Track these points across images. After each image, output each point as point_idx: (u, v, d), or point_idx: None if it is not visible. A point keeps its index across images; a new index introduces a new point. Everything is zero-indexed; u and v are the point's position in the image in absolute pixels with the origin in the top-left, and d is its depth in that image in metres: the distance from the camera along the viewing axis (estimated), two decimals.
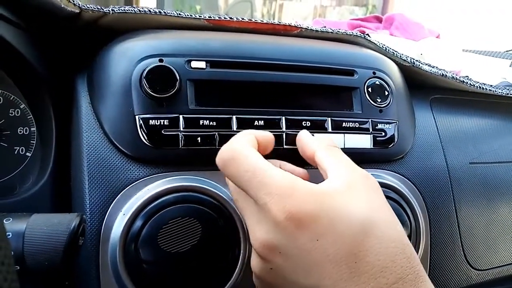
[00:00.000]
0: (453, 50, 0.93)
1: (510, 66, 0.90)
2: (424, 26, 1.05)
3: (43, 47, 0.50)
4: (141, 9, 0.49)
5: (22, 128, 0.50)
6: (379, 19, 1.11)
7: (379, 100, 0.52)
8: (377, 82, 0.53)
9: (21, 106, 0.50)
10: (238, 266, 0.44)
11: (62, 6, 0.45)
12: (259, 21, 0.55)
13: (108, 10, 0.48)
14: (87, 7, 0.47)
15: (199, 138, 0.45)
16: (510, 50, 1.02)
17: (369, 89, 0.52)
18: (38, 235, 0.34)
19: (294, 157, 0.47)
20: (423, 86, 0.64)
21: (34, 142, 0.50)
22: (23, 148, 0.50)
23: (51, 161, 0.48)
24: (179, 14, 0.51)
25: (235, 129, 0.46)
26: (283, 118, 0.48)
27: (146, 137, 0.44)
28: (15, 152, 0.49)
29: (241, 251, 0.45)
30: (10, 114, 0.50)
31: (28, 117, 0.50)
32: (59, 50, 0.53)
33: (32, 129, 0.50)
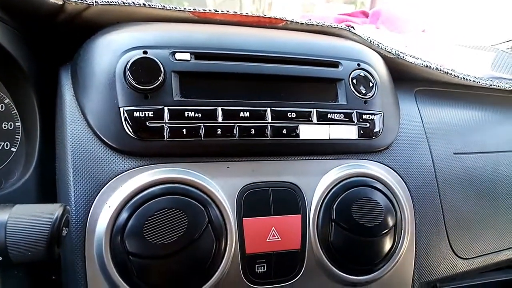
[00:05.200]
0: (438, 44, 0.94)
1: (495, 59, 0.91)
2: (409, 20, 1.05)
3: (27, 41, 0.50)
4: (125, 1, 0.49)
5: (6, 123, 0.49)
6: (365, 14, 1.11)
7: (363, 92, 0.53)
8: (362, 74, 0.53)
9: (6, 101, 0.49)
10: (225, 258, 0.45)
11: None
12: (244, 14, 0.55)
13: (92, 2, 0.47)
14: None
15: (184, 130, 0.45)
16: (495, 45, 1.03)
17: (354, 81, 0.53)
18: (21, 226, 0.34)
19: (278, 149, 0.47)
20: (408, 78, 0.65)
21: (19, 137, 0.49)
22: (8, 143, 0.49)
23: (36, 156, 0.47)
24: (164, 6, 0.51)
25: (220, 120, 0.46)
26: (269, 109, 0.48)
27: (131, 129, 0.44)
28: (0, 148, 0.49)
29: (228, 243, 0.45)
30: None
31: (13, 112, 0.50)
32: (43, 44, 0.52)
33: (17, 124, 0.50)
